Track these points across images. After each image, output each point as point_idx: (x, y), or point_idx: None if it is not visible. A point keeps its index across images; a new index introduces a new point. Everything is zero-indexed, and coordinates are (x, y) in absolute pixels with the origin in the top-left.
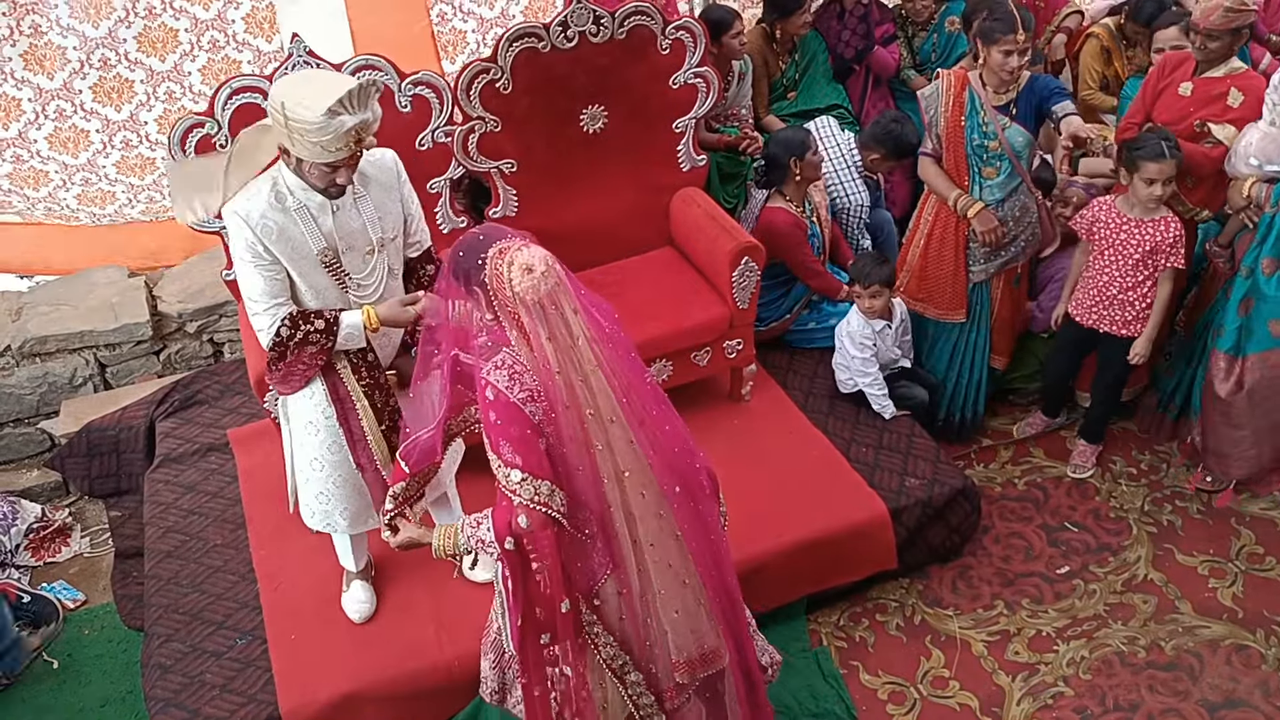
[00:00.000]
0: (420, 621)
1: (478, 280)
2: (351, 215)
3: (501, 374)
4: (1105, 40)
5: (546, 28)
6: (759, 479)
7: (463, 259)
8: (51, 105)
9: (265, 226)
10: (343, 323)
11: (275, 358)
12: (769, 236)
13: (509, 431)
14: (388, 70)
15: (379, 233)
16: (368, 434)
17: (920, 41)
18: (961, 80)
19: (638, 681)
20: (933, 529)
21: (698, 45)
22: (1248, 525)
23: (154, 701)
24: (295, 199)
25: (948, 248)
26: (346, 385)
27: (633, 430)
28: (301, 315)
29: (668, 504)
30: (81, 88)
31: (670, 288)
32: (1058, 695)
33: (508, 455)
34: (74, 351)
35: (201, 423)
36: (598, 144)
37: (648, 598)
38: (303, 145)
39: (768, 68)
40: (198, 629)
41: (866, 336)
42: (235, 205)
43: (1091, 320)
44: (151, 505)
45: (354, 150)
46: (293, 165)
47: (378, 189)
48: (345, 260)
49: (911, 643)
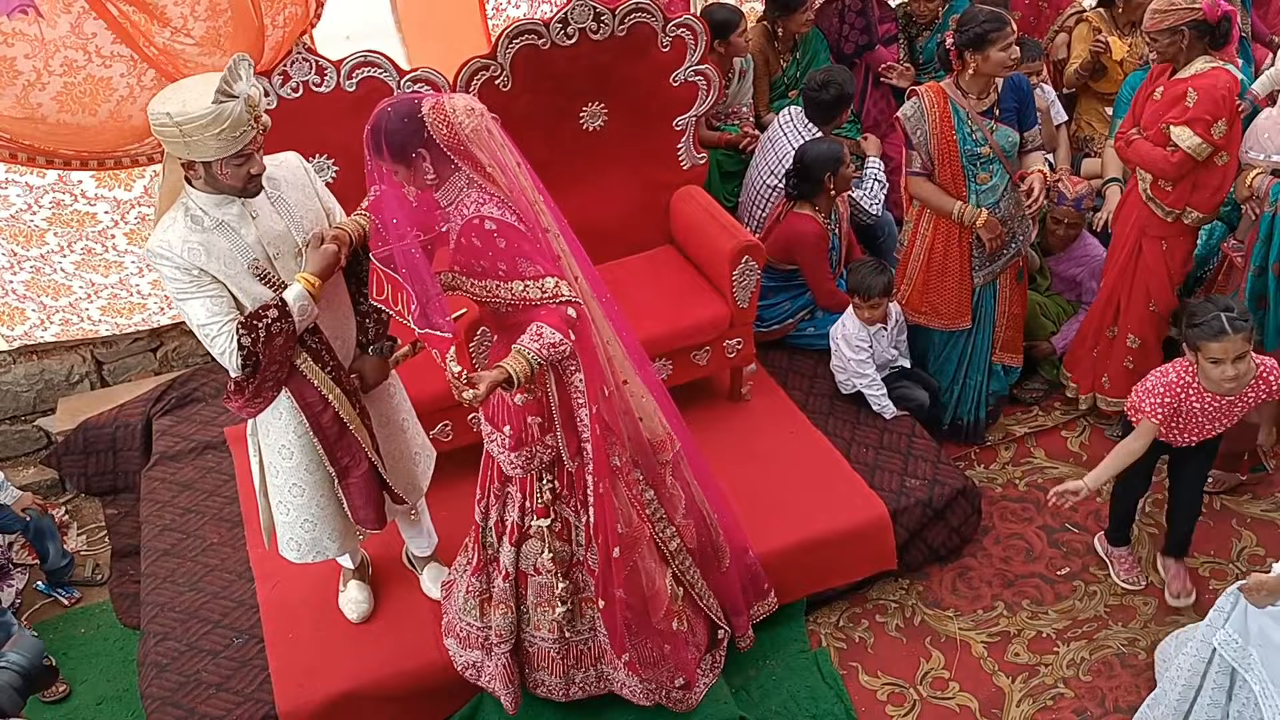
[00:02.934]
0: (418, 621)
1: (417, 144)
2: (273, 220)
3: (491, 206)
4: (1096, 22)
5: (546, 24)
6: (758, 479)
7: (395, 132)
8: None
9: (190, 250)
10: (289, 301)
11: (249, 371)
12: (793, 243)
13: (523, 248)
14: (386, 67)
15: (304, 232)
16: (347, 424)
17: (924, 41)
18: (942, 95)
19: (640, 478)
20: (933, 530)
21: (698, 43)
22: (1249, 527)
23: (150, 700)
24: (211, 218)
25: (951, 260)
26: (313, 380)
27: (567, 243)
28: (251, 316)
29: (601, 307)
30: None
31: (670, 286)
32: (1058, 696)
33: (532, 270)
34: (71, 349)
35: (198, 421)
36: (597, 142)
37: (623, 390)
38: (203, 145)
39: (769, 65)
40: (194, 627)
41: (861, 339)
42: (153, 243)
43: (1183, 441)
44: (148, 503)
45: (256, 131)
46: (201, 178)
47: (292, 189)
48: (278, 267)
49: (911, 644)
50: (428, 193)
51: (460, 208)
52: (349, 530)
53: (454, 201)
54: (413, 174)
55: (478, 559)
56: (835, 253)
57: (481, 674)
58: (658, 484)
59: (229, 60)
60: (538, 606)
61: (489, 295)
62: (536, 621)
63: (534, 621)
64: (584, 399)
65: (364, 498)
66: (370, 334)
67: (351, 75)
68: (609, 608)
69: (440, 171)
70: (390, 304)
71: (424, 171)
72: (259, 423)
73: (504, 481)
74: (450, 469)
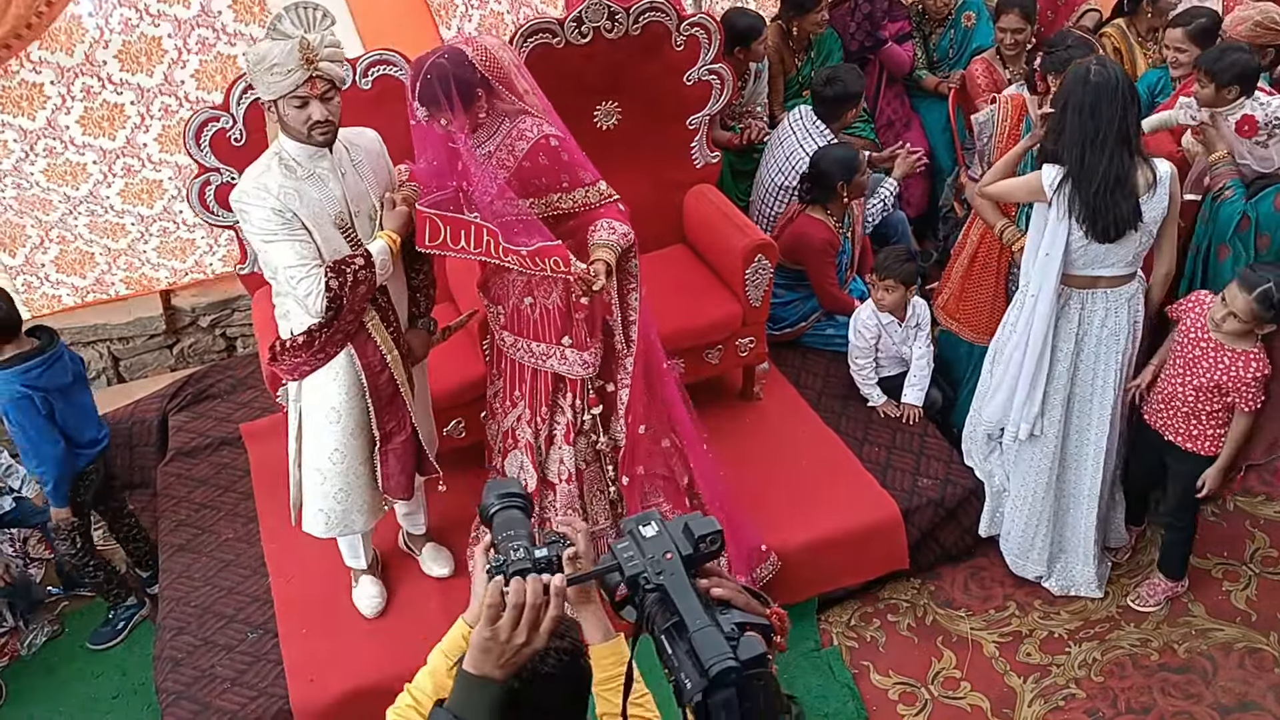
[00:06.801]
0: (431, 616)
1: (477, 83)
2: (354, 180)
3: (548, 125)
4: (1117, 41)
5: (561, 23)
6: (771, 478)
7: (459, 77)
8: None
9: (286, 193)
10: (374, 252)
11: (332, 315)
12: (800, 245)
13: (578, 157)
14: (401, 65)
15: (379, 195)
16: (400, 387)
17: (937, 39)
18: (1020, 107)
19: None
20: (945, 529)
21: (712, 42)
22: (1262, 528)
23: (165, 694)
24: (304, 168)
25: (989, 273)
26: (376, 339)
27: None
28: (340, 262)
29: None
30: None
31: (683, 285)
32: (1069, 697)
33: (589, 176)
34: (88, 344)
35: (214, 417)
36: (611, 140)
37: None
38: (265, 84)
39: (784, 65)
40: (209, 622)
41: (869, 326)
42: (248, 184)
43: (1158, 424)
44: (164, 499)
45: (309, 73)
46: (276, 123)
47: (369, 156)
48: (357, 224)
49: (923, 643)
50: (453, 154)
51: (517, 135)
52: (376, 506)
53: (493, 137)
54: (469, 115)
55: (530, 490)
56: (847, 256)
57: None
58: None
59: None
60: (592, 500)
61: (549, 210)
62: (594, 515)
63: (591, 516)
64: (635, 283)
65: (400, 464)
66: (421, 307)
67: (367, 73)
68: (631, 484)
69: (491, 106)
70: (448, 246)
71: (479, 111)
72: (306, 386)
73: (556, 392)
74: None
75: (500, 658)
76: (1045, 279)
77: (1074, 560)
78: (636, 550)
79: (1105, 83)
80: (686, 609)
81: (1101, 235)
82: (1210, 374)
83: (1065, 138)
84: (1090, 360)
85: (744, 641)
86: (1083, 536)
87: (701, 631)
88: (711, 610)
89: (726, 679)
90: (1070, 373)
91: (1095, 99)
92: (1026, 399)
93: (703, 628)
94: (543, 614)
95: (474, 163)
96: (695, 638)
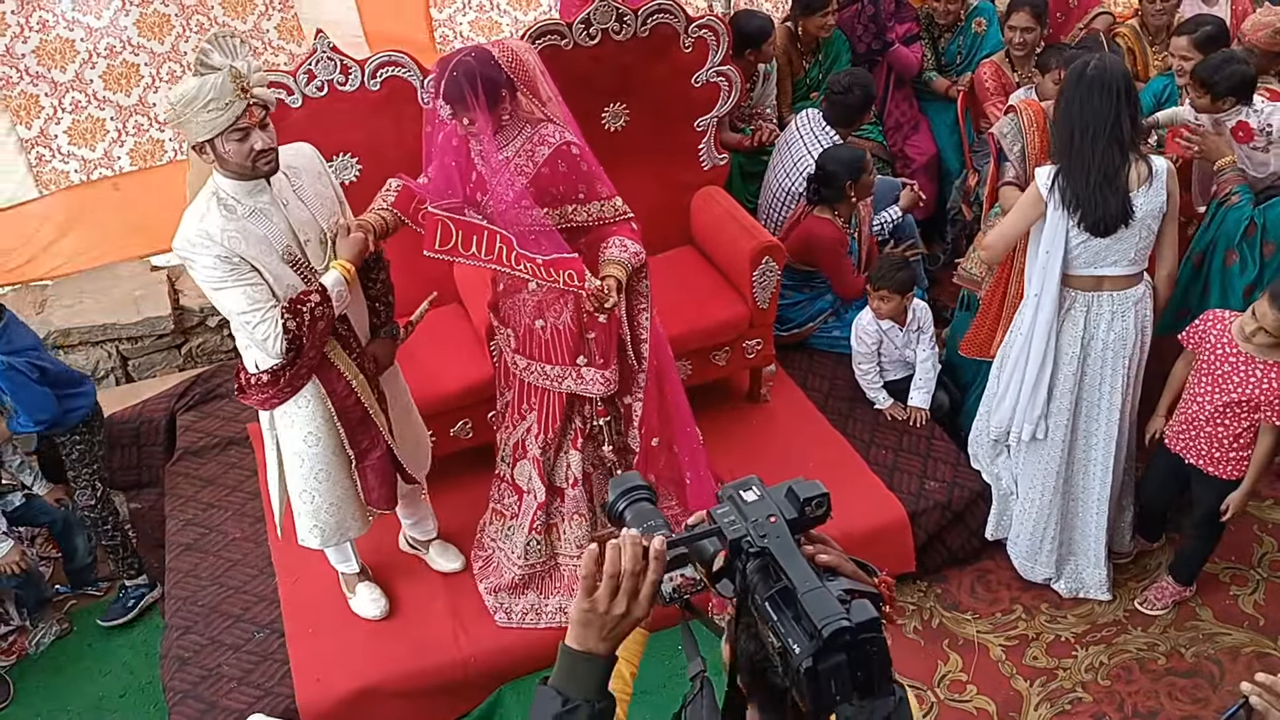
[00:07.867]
0: (437, 617)
1: (504, 82)
2: (298, 208)
3: (569, 133)
4: (1130, 41)
5: (569, 25)
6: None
7: (487, 76)
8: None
9: (230, 237)
10: (328, 285)
11: (293, 355)
12: (810, 245)
13: (597, 170)
14: (410, 67)
15: (325, 218)
16: (368, 409)
17: (946, 43)
18: (1040, 113)
19: None
20: (952, 532)
21: (720, 44)
22: (1270, 532)
23: (172, 693)
24: (244, 206)
25: (1000, 283)
26: (339, 366)
27: None
28: (296, 301)
29: None
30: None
31: (690, 287)
32: (1076, 701)
33: (606, 190)
34: (96, 344)
35: (222, 416)
36: (619, 142)
37: None
38: (199, 124)
39: (792, 67)
40: (216, 622)
41: (869, 332)
42: (189, 231)
43: (1180, 447)
44: (171, 498)
45: (247, 102)
46: (212, 161)
47: (308, 177)
48: (307, 251)
49: (929, 646)
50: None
51: (539, 140)
52: (364, 510)
53: (513, 142)
54: (492, 116)
55: (539, 501)
56: (854, 257)
57: (541, 617)
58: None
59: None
60: (600, 505)
61: (563, 221)
62: (602, 520)
63: (599, 521)
64: (646, 303)
65: (379, 478)
66: (381, 317)
67: (375, 75)
68: None
69: (514, 110)
70: (458, 251)
71: (502, 113)
72: (280, 415)
73: (570, 408)
74: (451, 469)
75: (602, 630)
76: (1048, 278)
77: (1084, 563)
78: (738, 514)
79: (1100, 77)
80: (795, 572)
81: (1093, 229)
82: (1241, 388)
83: (1059, 129)
84: (1097, 364)
85: (856, 605)
86: (1093, 540)
87: (812, 593)
88: (820, 575)
89: (839, 640)
90: (1077, 376)
91: (1089, 92)
92: (1030, 399)
93: (813, 589)
94: (641, 581)
95: (493, 165)
96: (805, 599)
